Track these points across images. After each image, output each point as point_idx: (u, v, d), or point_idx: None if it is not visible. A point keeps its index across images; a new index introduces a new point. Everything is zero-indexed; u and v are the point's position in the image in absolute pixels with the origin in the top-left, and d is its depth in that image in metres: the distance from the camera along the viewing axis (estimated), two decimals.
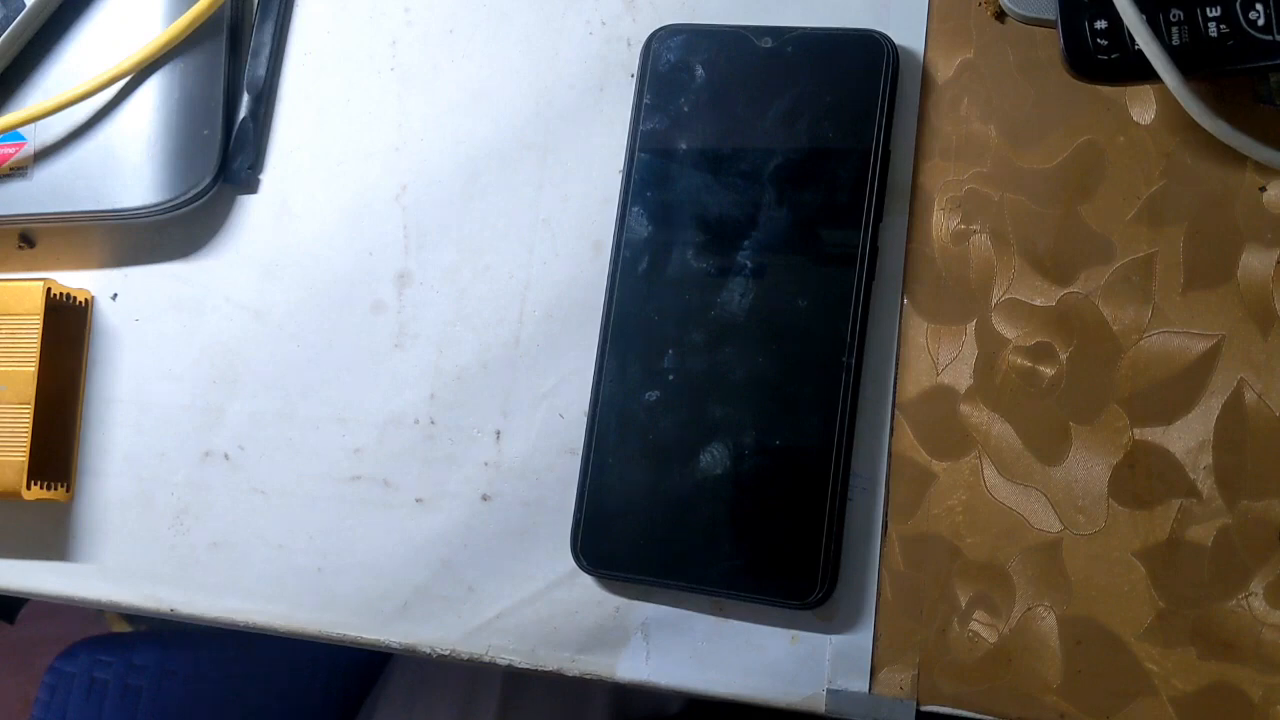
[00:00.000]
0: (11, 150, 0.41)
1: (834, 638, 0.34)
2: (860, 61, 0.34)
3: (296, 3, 0.42)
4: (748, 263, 0.34)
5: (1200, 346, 0.33)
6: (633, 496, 0.34)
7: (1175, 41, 0.30)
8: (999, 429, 0.34)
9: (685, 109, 0.36)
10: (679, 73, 0.36)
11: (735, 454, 0.34)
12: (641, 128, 0.36)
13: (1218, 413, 0.32)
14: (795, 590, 0.33)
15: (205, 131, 0.40)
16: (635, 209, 0.36)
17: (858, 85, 0.34)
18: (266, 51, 0.41)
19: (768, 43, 0.35)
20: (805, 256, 0.34)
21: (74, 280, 0.42)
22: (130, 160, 0.40)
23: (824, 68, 0.34)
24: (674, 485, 0.34)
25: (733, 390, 0.34)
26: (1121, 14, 0.29)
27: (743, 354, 0.34)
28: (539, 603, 0.36)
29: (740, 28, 0.36)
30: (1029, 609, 0.33)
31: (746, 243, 0.34)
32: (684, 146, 0.35)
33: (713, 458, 0.34)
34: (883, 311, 0.35)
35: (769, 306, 0.34)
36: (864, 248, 0.34)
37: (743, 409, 0.34)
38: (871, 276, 0.34)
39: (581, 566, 0.35)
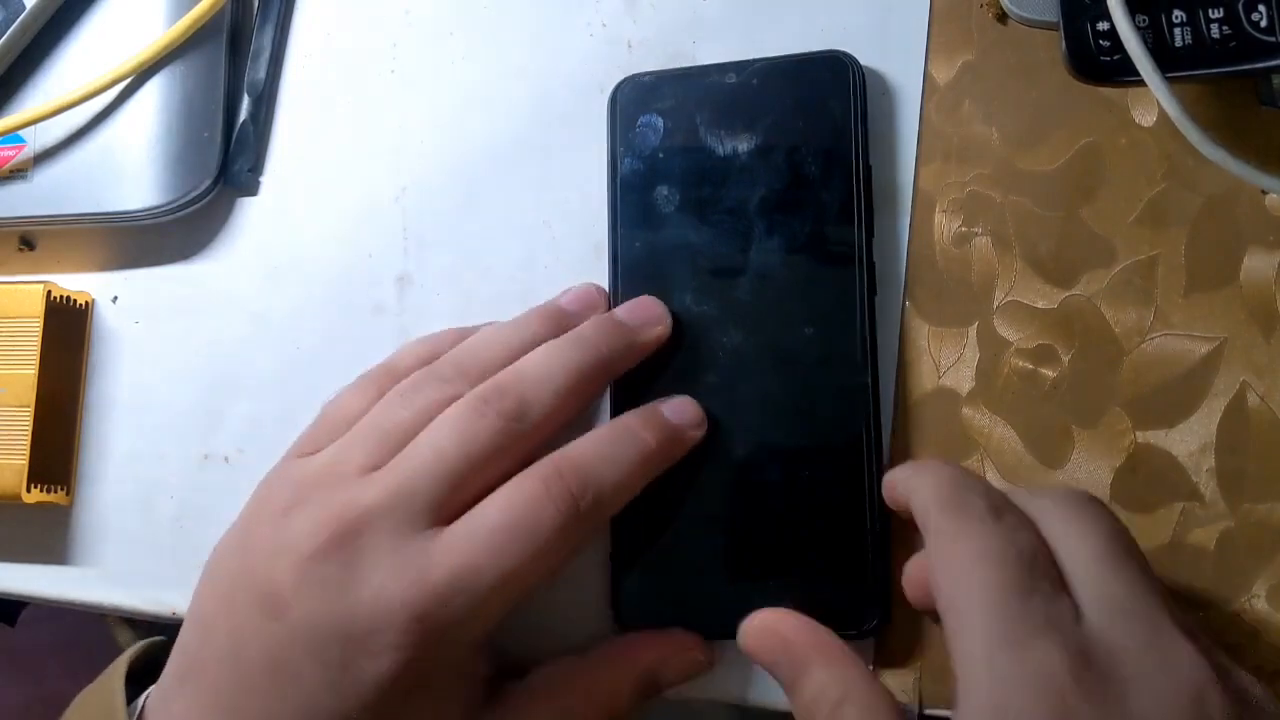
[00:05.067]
0: (11, 152, 0.41)
1: None
2: (826, 83, 0.34)
3: (297, 5, 0.42)
4: (748, 299, 0.34)
5: (1202, 349, 0.33)
6: (668, 551, 0.33)
7: (1178, 43, 0.29)
8: (1001, 432, 0.34)
9: (661, 157, 0.35)
10: (649, 122, 0.36)
11: (764, 491, 0.33)
12: (620, 182, 0.36)
13: (1220, 415, 0.32)
14: (853, 620, 0.32)
15: (205, 134, 0.40)
16: (624, 266, 0.35)
17: (827, 106, 0.34)
18: (267, 54, 0.41)
19: (732, 78, 0.35)
20: (804, 283, 0.34)
21: (74, 283, 0.42)
22: (130, 163, 0.40)
23: (791, 95, 0.34)
24: (707, 531, 0.33)
25: (752, 433, 0.33)
26: (1116, 26, 0.29)
27: (756, 393, 0.33)
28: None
29: (703, 67, 0.35)
30: None
31: (743, 279, 0.34)
32: (665, 195, 0.35)
33: (742, 498, 0.33)
34: (884, 315, 0.35)
35: (776, 341, 0.33)
36: (861, 264, 0.33)
37: (764, 446, 0.33)
38: (873, 291, 0.34)
39: (623, 628, 0.34)
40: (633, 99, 0.36)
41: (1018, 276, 0.34)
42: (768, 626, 0.31)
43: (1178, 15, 0.29)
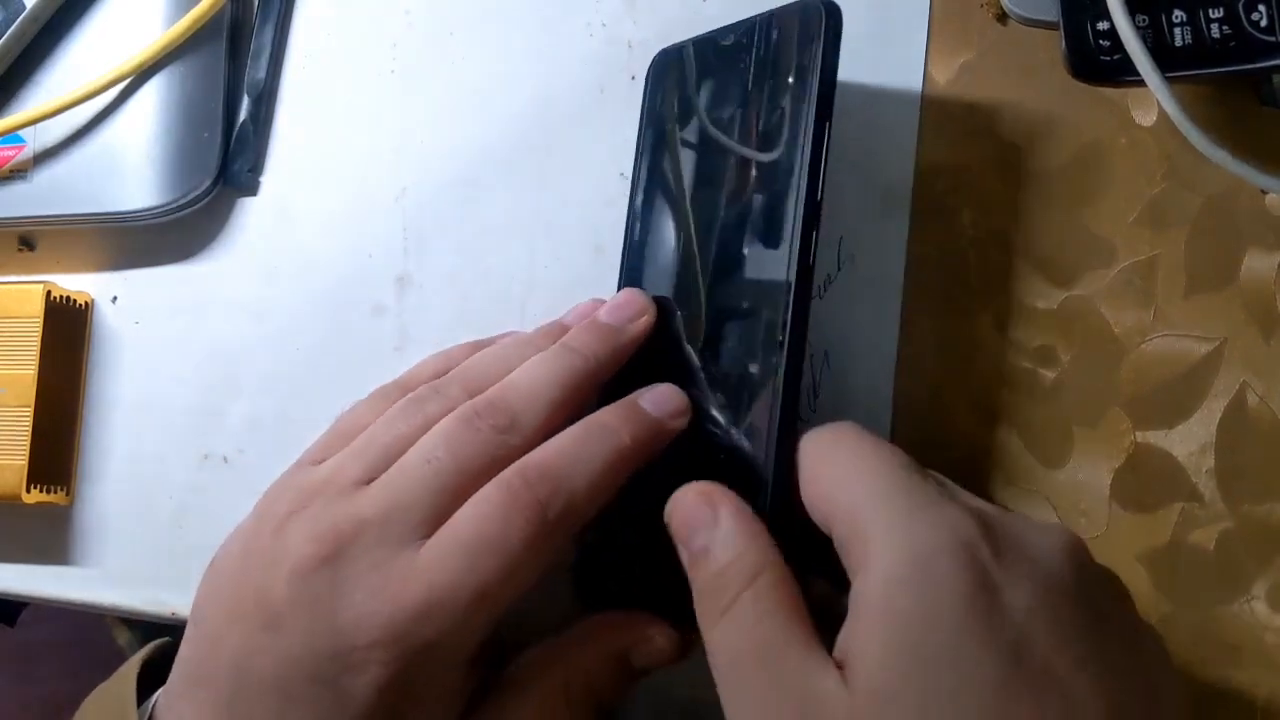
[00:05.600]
0: (11, 152, 0.41)
1: None
2: (803, 30, 0.32)
3: (297, 5, 0.42)
4: (725, 276, 0.32)
5: (1202, 349, 0.33)
6: (630, 536, 0.32)
7: (1178, 43, 0.29)
8: (1001, 432, 0.34)
9: (668, 130, 0.35)
10: (669, 92, 0.36)
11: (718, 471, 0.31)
12: (643, 162, 0.36)
13: (1220, 416, 0.32)
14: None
15: (205, 134, 0.40)
16: (634, 245, 0.35)
17: (793, 60, 0.32)
18: (267, 54, 0.41)
19: (729, 39, 0.34)
20: (751, 258, 0.32)
21: (74, 283, 0.42)
22: (130, 163, 0.40)
23: (773, 47, 0.33)
24: (650, 524, 0.31)
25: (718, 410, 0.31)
26: (1116, 26, 0.29)
27: (711, 363, 0.32)
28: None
29: (706, 34, 0.35)
30: None
31: (721, 255, 0.33)
32: (674, 169, 0.35)
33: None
34: (885, 315, 0.35)
35: (733, 317, 0.32)
36: (797, 232, 0.30)
37: (728, 426, 0.31)
38: (809, 250, 0.30)
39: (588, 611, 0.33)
40: (654, 73, 0.37)
41: (1018, 276, 0.34)
42: (693, 490, 0.29)
43: (1178, 15, 0.29)
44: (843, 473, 0.27)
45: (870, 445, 0.28)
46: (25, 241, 0.43)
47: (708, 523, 0.28)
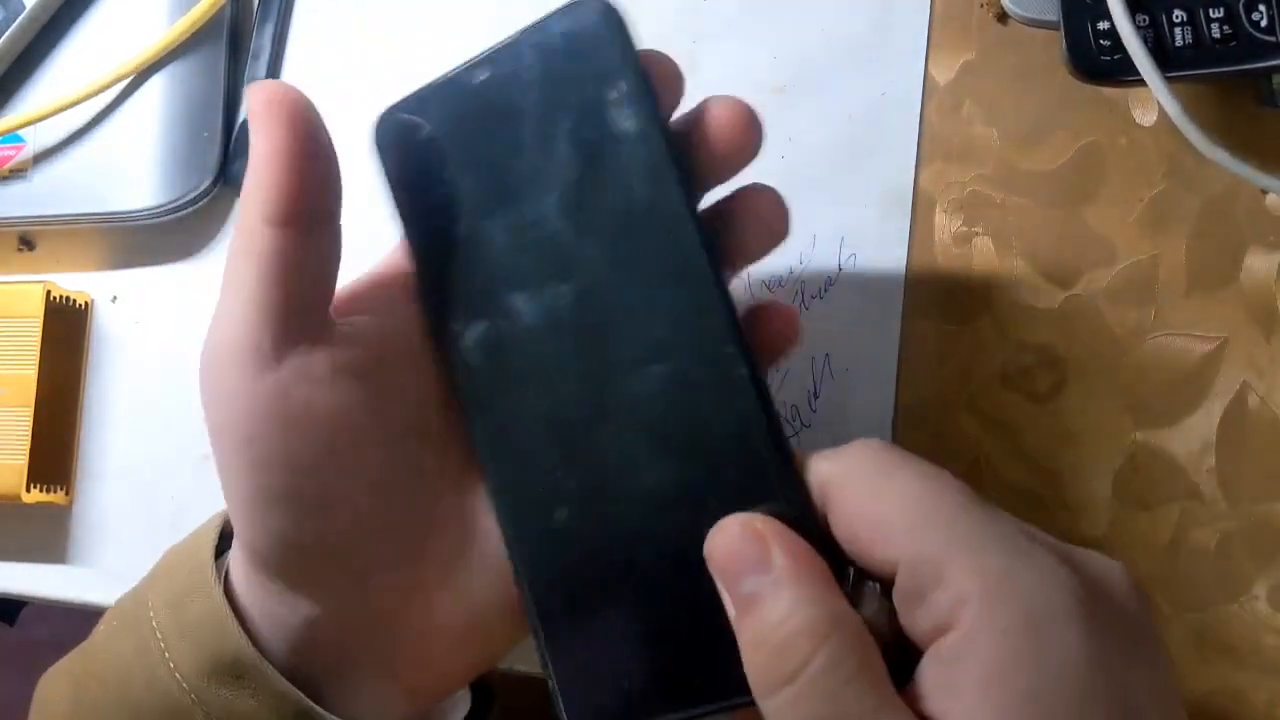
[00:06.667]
0: (11, 152, 0.41)
1: None
2: (586, 40, 0.27)
3: (297, 5, 0.42)
4: (588, 323, 0.27)
5: (1203, 349, 0.33)
6: (604, 634, 0.27)
7: (1178, 43, 0.29)
8: (1001, 433, 0.34)
9: (443, 190, 0.29)
10: (415, 153, 0.29)
11: (690, 536, 0.25)
12: (410, 230, 0.30)
13: (1220, 415, 0.32)
14: None
15: (205, 134, 0.40)
16: (452, 320, 0.29)
17: (594, 65, 0.27)
18: (266, 54, 0.41)
19: (485, 73, 0.28)
20: (641, 273, 0.27)
21: (74, 282, 0.42)
22: (130, 162, 0.40)
23: (552, 68, 0.28)
24: (641, 602, 0.27)
25: (647, 467, 0.26)
26: (1116, 25, 0.29)
27: (634, 419, 0.27)
28: None
29: (449, 75, 0.29)
30: None
31: (577, 300, 0.27)
32: (464, 228, 0.28)
33: (667, 551, 0.26)
34: (886, 316, 0.35)
35: (626, 345, 0.27)
36: (700, 238, 0.26)
37: (670, 483, 0.26)
38: (715, 258, 0.26)
39: None
40: (391, 132, 0.30)
41: (1018, 277, 0.34)
42: (738, 523, 0.25)
43: (1178, 15, 0.29)
44: (903, 513, 0.23)
45: (923, 476, 0.24)
46: (25, 241, 0.43)
47: (757, 564, 0.24)
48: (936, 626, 0.23)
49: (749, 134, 0.27)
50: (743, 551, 0.24)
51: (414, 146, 0.29)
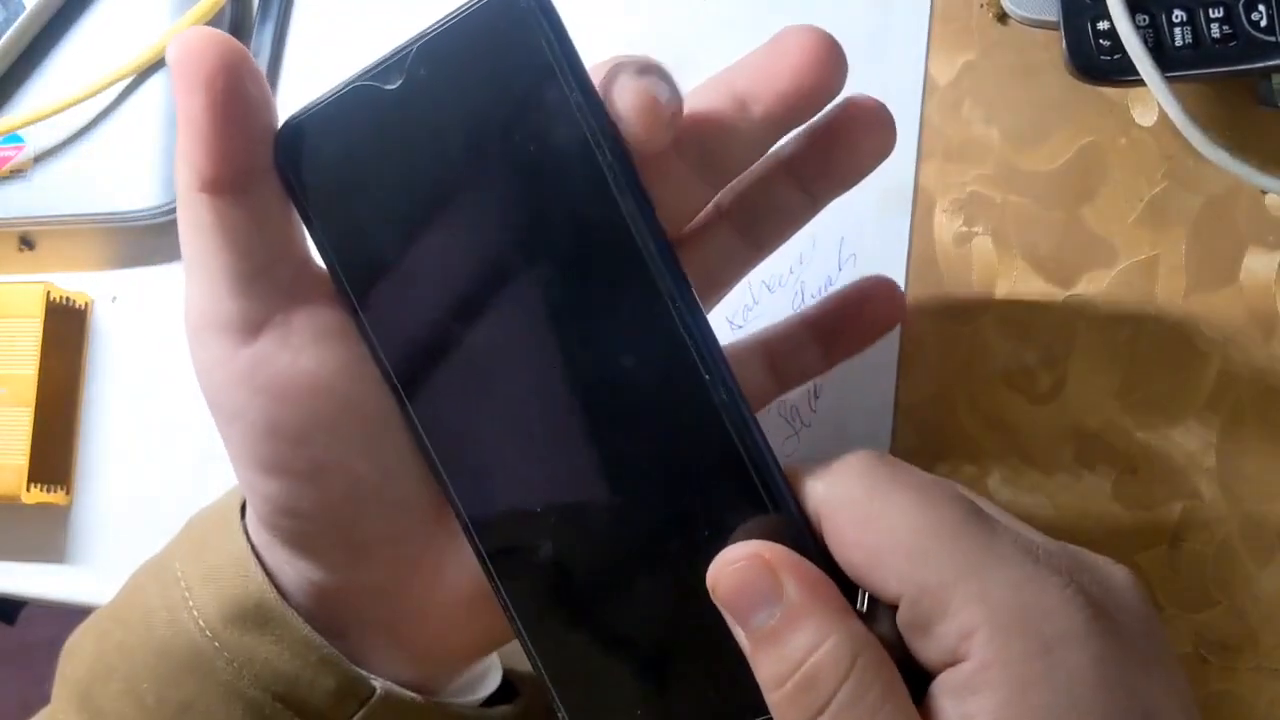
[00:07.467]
0: (11, 152, 0.41)
1: None
2: (510, 36, 0.25)
3: (296, 5, 0.42)
4: (547, 344, 0.26)
5: (1202, 349, 0.33)
6: (610, 674, 0.26)
7: (1178, 43, 0.29)
8: (1001, 433, 0.34)
9: (361, 208, 0.26)
10: (327, 169, 0.26)
11: (685, 558, 0.25)
12: (333, 257, 0.27)
13: (1220, 415, 0.32)
14: None
15: None
16: (391, 349, 0.27)
17: (524, 60, 0.25)
18: (266, 54, 0.41)
19: (396, 81, 0.26)
20: (593, 280, 0.25)
21: (73, 282, 0.42)
22: (130, 162, 0.40)
23: (473, 70, 0.25)
24: (645, 638, 0.26)
25: (632, 498, 0.25)
26: (1116, 25, 0.29)
27: (610, 450, 0.26)
28: None
29: (353, 82, 0.26)
30: None
31: (534, 321, 0.26)
32: (392, 251, 0.26)
33: (658, 580, 0.26)
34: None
35: (589, 360, 0.25)
36: (644, 243, 0.24)
37: (660, 514, 0.25)
38: (680, 277, 0.25)
39: None
40: (294, 148, 0.26)
41: (1018, 276, 0.34)
42: (742, 552, 0.24)
43: (1178, 15, 0.29)
44: (900, 542, 0.23)
45: (919, 494, 0.23)
46: (25, 241, 0.43)
47: (768, 596, 0.23)
48: (944, 658, 0.22)
49: (830, 65, 0.27)
50: (753, 584, 0.23)
51: (325, 162, 0.26)
